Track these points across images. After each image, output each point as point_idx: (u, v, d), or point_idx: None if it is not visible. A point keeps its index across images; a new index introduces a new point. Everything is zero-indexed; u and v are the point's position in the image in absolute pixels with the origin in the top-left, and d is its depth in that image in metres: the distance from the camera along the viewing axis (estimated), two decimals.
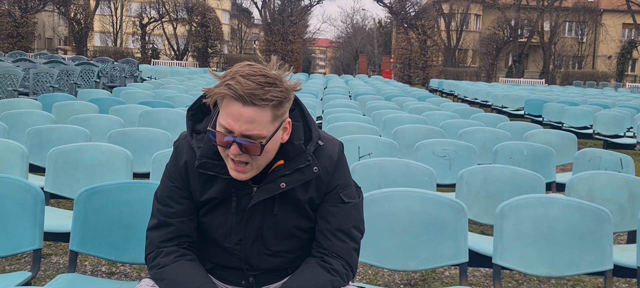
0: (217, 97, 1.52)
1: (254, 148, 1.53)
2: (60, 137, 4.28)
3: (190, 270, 1.66)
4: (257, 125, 1.51)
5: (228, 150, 1.55)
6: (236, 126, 1.50)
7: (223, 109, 1.53)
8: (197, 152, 1.66)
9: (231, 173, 1.59)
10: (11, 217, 2.42)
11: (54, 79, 9.85)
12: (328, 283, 1.64)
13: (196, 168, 1.66)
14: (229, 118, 1.51)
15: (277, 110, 1.54)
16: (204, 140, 1.66)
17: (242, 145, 1.52)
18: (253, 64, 1.56)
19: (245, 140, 1.52)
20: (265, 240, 1.72)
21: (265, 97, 1.49)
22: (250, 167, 1.58)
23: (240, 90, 1.47)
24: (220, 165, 1.64)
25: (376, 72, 37.82)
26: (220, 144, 1.56)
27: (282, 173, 1.64)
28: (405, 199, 2.49)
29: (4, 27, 28.51)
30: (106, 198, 2.42)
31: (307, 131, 1.70)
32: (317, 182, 1.70)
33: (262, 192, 1.65)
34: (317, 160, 1.67)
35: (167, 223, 1.72)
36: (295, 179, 1.65)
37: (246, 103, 1.49)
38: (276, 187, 1.64)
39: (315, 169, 1.66)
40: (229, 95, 1.49)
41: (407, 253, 2.44)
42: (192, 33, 33.41)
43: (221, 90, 1.50)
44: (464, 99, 16.44)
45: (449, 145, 4.45)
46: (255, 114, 1.50)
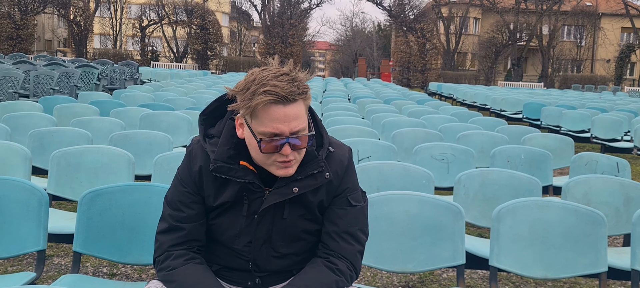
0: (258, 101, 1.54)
1: (303, 142, 1.60)
2: (61, 139, 4.31)
3: (200, 274, 1.69)
4: (300, 119, 1.59)
5: (276, 154, 1.60)
6: (285, 127, 1.56)
7: (263, 116, 1.56)
8: (211, 156, 1.69)
9: (277, 173, 1.64)
10: (15, 218, 2.46)
11: (54, 81, 9.89)
12: (333, 283, 1.68)
13: (211, 172, 1.69)
14: (275, 122, 1.56)
15: (307, 101, 1.62)
16: (218, 144, 1.70)
17: (291, 144, 1.58)
18: (264, 68, 1.62)
19: (295, 137, 1.58)
20: (274, 242, 1.76)
21: (300, 91, 1.58)
22: (295, 161, 1.64)
23: (281, 92, 1.54)
24: (234, 168, 1.68)
25: (375, 75, 37.89)
26: (269, 150, 1.59)
27: (294, 178, 1.68)
28: (404, 202, 2.53)
29: (3, 29, 28.52)
30: (109, 200, 2.46)
31: (319, 137, 1.75)
32: (327, 186, 1.74)
33: (274, 196, 1.69)
34: (328, 166, 1.72)
35: (178, 227, 1.75)
36: (308, 184, 1.69)
37: (288, 102, 1.55)
38: (288, 192, 1.68)
39: (327, 175, 1.71)
40: (271, 101, 1.54)
41: (406, 255, 2.48)
42: (191, 35, 33.45)
43: (262, 98, 1.53)
44: (462, 103, 16.50)
45: (447, 148, 4.49)
46: (297, 109, 1.57)
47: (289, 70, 1.61)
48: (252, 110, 1.56)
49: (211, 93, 9.81)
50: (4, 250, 2.45)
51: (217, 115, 1.78)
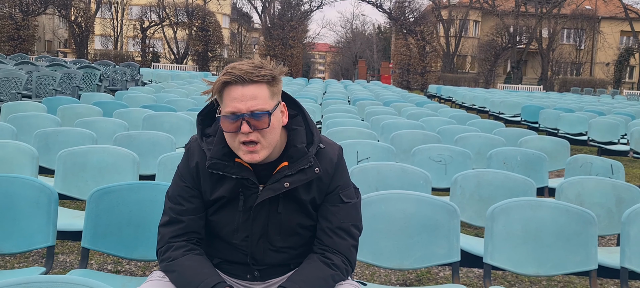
0: (218, 86, 1.69)
1: (262, 122, 1.69)
2: (66, 139, 4.40)
3: (198, 263, 1.78)
4: (259, 100, 1.68)
5: (238, 134, 1.69)
6: (241, 105, 1.67)
7: (226, 98, 1.69)
8: (207, 154, 1.79)
9: (244, 158, 1.72)
10: (25, 215, 2.54)
11: (56, 82, 9.97)
12: (329, 277, 1.77)
13: (207, 169, 1.78)
14: (233, 102, 1.68)
15: (273, 88, 1.73)
16: (214, 142, 1.79)
17: (250, 122, 1.67)
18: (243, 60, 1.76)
19: (253, 116, 1.67)
20: (270, 237, 1.84)
21: (260, 74, 1.69)
22: (260, 146, 1.71)
23: (237, 73, 1.67)
24: (229, 165, 1.77)
25: (375, 78, 37.99)
26: (230, 129, 1.69)
27: (286, 173, 1.77)
28: (401, 201, 2.61)
29: (5, 29, 28.60)
30: (117, 198, 2.54)
31: (309, 135, 1.84)
32: (318, 183, 1.82)
33: (267, 191, 1.78)
34: (318, 162, 1.80)
35: (178, 220, 1.84)
36: (298, 179, 1.77)
37: (245, 82, 1.67)
38: (280, 187, 1.77)
39: (316, 170, 1.79)
40: (229, 80, 1.67)
41: (403, 252, 2.56)
42: (192, 37, 33.55)
43: (222, 78, 1.69)
44: (461, 105, 16.59)
45: (445, 150, 4.58)
46: (255, 90, 1.68)
47: (260, 62, 1.73)
48: (217, 91, 1.71)
49: None
50: (14, 246, 2.54)
51: (214, 115, 1.88)
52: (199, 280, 1.72)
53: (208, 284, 1.70)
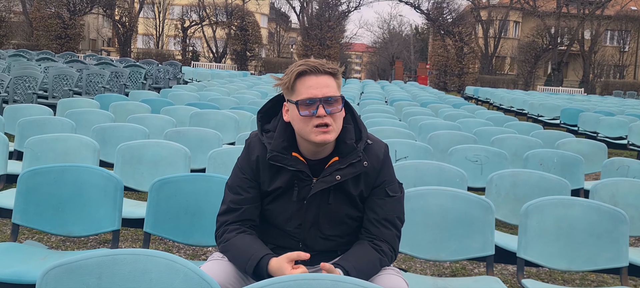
0: (294, 75, 1.91)
1: (335, 107, 1.90)
2: (121, 134, 4.69)
3: (250, 240, 1.98)
4: (331, 88, 1.91)
5: (313, 118, 1.89)
6: (317, 91, 1.89)
7: (300, 87, 1.91)
8: (268, 147, 1.99)
9: (317, 138, 1.90)
10: (94, 202, 2.80)
11: (105, 80, 10.41)
12: (377, 260, 1.96)
13: (268, 160, 1.98)
14: (309, 89, 1.89)
15: (337, 80, 1.96)
16: (274, 137, 2.00)
17: (325, 106, 1.88)
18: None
19: (327, 101, 1.89)
20: (321, 225, 2.03)
21: (330, 67, 1.93)
22: (331, 128, 1.91)
23: (312, 64, 1.91)
24: (287, 158, 1.97)
25: (412, 78, 37.89)
26: (306, 113, 1.89)
27: (337, 167, 1.97)
28: (438, 197, 2.77)
29: (53, 28, 29.73)
30: (175, 188, 2.78)
31: (358, 132, 2.03)
32: (365, 178, 2.01)
33: (320, 184, 1.97)
34: (366, 156, 1.99)
35: (236, 208, 2.04)
36: (348, 172, 1.96)
37: (320, 73, 1.91)
38: (332, 179, 1.96)
39: (365, 163, 1.98)
40: (305, 70, 1.90)
41: (439, 245, 2.72)
42: (231, 36, 34.13)
43: (298, 68, 1.91)
44: (499, 107, 16.48)
45: (481, 150, 4.69)
46: (327, 79, 1.92)
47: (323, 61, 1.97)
48: (291, 84, 1.92)
49: (252, 93, 10.17)
50: (84, 229, 2.80)
51: (272, 113, 2.10)
52: (250, 254, 1.92)
53: (257, 256, 1.89)
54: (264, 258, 1.88)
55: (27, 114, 5.25)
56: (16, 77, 8.32)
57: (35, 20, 30.94)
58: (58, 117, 5.37)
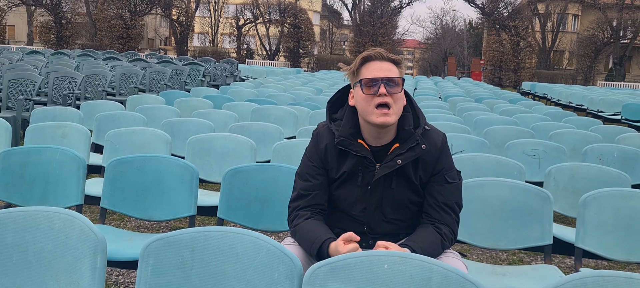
0: (360, 60, 2.12)
1: (396, 87, 2.07)
2: (189, 128, 4.96)
3: (316, 225, 2.15)
4: (392, 72, 2.10)
5: (374, 98, 2.06)
6: (379, 73, 2.07)
7: (365, 71, 2.10)
8: (335, 133, 2.16)
9: (378, 120, 2.06)
10: (172, 189, 3.04)
11: (167, 78, 10.86)
12: (439, 242, 2.10)
13: (336, 145, 2.16)
14: (372, 72, 2.08)
15: (400, 69, 2.13)
16: (341, 124, 2.17)
17: (386, 86, 2.05)
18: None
19: (389, 81, 2.07)
20: (384, 209, 2.18)
21: (391, 55, 2.13)
22: (392, 110, 2.07)
23: (375, 51, 2.11)
24: (353, 143, 2.13)
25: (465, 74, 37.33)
26: (368, 92, 2.07)
27: (397, 153, 2.12)
28: (496, 187, 2.87)
29: (115, 29, 31.05)
30: (246, 177, 2.99)
31: (416, 119, 2.18)
32: (423, 165, 2.15)
33: (383, 169, 2.13)
34: (424, 140, 2.14)
35: (305, 194, 2.22)
36: (408, 156, 2.12)
37: (383, 59, 2.10)
38: (394, 164, 2.11)
39: (423, 146, 2.13)
40: (369, 57, 2.11)
41: (497, 234, 2.82)
42: (284, 34, 34.61)
43: (363, 54, 2.13)
44: (557, 103, 16.11)
45: (539, 145, 4.71)
46: (389, 65, 2.11)
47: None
48: (356, 68, 2.12)
49: (307, 90, 10.39)
50: (163, 214, 3.05)
51: (340, 103, 2.28)
52: (314, 238, 2.08)
53: (320, 240, 2.06)
54: (325, 241, 2.04)
55: (102, 110, 5.61)
56: (87, 75, 8.83)
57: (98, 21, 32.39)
58: (129, 112, 5.72)
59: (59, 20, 32.19)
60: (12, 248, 1.87)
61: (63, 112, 5.26)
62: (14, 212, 1.90)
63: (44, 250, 1.87)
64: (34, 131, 4.26)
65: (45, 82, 8.28)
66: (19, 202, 3.10)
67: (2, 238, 1.87)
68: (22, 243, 1.87)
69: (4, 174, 3.12)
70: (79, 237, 1.84)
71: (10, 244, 1.87)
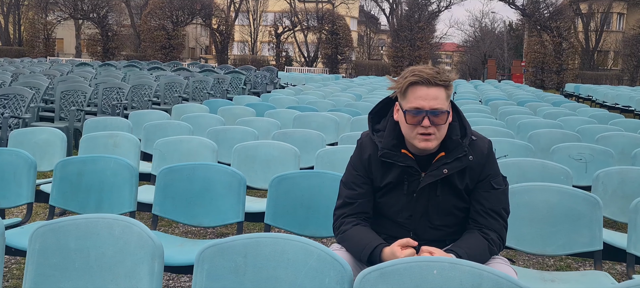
0: (405, 84, 2.07)
1: (440, 119, 2.06)
2: (233, 136, 5.07)
3: (364, 231, 2.17)
4: (439, 100, 2.05)
5: (417, 127, 2.06)
6: (425, 103, 2.03)
7: (410, 95, 2.06)
8: (379, 145, 2.18)
9: (420, 145, 2.08)
10: (221, 196, 3.13)
11: (209, 86, 11.09)
12: (486, 247, 2.10)
13: (379, 158, 2.18)
14: (418, 100, 2.04)
15: (448, 91, 2.09)
16: (384, 136, 2.19)
17: (431, 118, 2.04)
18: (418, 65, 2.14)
19: (434, 113, 2.04)
20: (430, 216, 2.19)
21: (442, 78, 2.05)
22: (434, 137, 2.08)
23: (425, 75, 2.03)
24: (397, 155, 2.15)
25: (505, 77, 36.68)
26: (412, 122, 2.07)
27: (443, 162, 2.13)
28: (543, 192, 2.84)
29: (158, 39, 31.86)
30: (292, 184, 3.04)
31: (462, 129, 2.18)
32: (470, 172, 2.16)
33: (428, 177, 2.14)
34: (471, 151, 2.14)
35: (351, 202, 2.25)
36: (455, 166, 2.12)
37: (430, 84, 2.04)
38: (439, 173, 2.12)
39: (470, 158, 2.13)
40: (417, 81, 2.04)
41: (545, 239, 2.79)
42: (322, 40, 34.79)
43: (410, 79, 2.05)
44: (602, 104, 15.68)
45: (586, 149, 4.62)
46: (437, 92, 2.05)
47: (438, 68, 2.08)
48: (403, 89, 2.06)
49: (347, 96, 10.42)
50: (212, 220, 3.14)
51: (382, 114, 2.29)
52: (365, 243, 2.11)
53: (371, 245, 2.08)
54: (378, 247, 2.06)
55: (149, 119, 5.79)
56: (134, 85, 9.10)
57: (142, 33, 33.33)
58: (175, 120, 5.88)
59: (105, 32, 33.24)
60: (75, 253, 1.97)
61: (113, 122, 5.45)
62: (76, 219, 2.01)
63: (104, 256, 1.96)
64: (88, 141, 4.43)
65: (95, 93, 8.58)
66: (76, 209, 3.25)
67: (66, 244, 1.97)
68: (84, 249, 1.97)
69: (62, 182, 3.27)
70: (138, 243, 1.92)
71: (73, 249, 1.97)
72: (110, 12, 33.54)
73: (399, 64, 31.11)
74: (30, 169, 3.34)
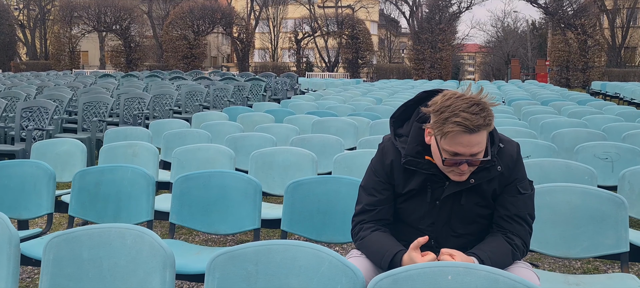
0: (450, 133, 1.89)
1: (478, 162, 1.97)
2: (252, 143, 5.06)
3: (384, 236, 2.12)
4: (481, 145, 1.94)
5: (454, 167, 1.97)
6: (466, 150, 1.92)
7: (452, 140, 1.91)
8: (402, 152, 2.11)
9: (453, 178, 2.01)
10: (236, 203, 3.11)
11: (229, 94, 11.15)
12: (509, 252, 2.04)
13: (403, 165, 2.11)
14: (459, 146, 1.91)
15: (489, 128, 1.96)
16: (407, 141, 2.11)
17: (470, 162, 1.95)
18: (460, 94, 1.94)
19: (472, 158, 1.94)
20: (453, 224, 2.12)
21: (485, 123, 1.90)
22: (468, 171, 2.00)
23: (470, 125, 1.87)
24: (421, 162, 2.08)
25: (529, 77, 36.16)
26: (449, 164, 1.96)
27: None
28: (567, 193, 2.75)
29: (180, 49, 32.25)
30: (308, 189, 3.01)
31: (490, 135, 2.07)
32: (499, 178, 2.08)
33: (453, 186, 2.06)
34: (500, 160, 2.06)
35: (371, 209, 2.19)
36: (482, 176, 2.04)
37: (474, 132, 1.89)
38: (466, 183, 2.05)
39: (498, 168, 2.05)
40: (461, 131, 1.88)
41: (569, 242, 2.70)
42: (342, 45, 34.80)
43: (452, 128, 1.88)
44: (630, 102, 15.33)
45: (612, 147, 4.50)
46: (479, 138, 1.91)
47: (479, 100, 1.90)
48: (443, 134, 1.91)
49: (367, 100, 10.37)
50: (228, 228, 3.13)
51: (404, 117, 2.21)
52: (385, 250, 2.05)
53: (392, 252, 2.02)
54: (398, 253, 2.01)
55: (169, 128, 5.82)
56: (155, 95, 9.20)
57: (164, 43, 33.77)
58: (194, 129, 5.91)
59: (128, 44, 33.76)
60: (88, 263, 1.97)
61: (133, 132, 5.49)
62: (89, 229, 2.01)
63: (117, 265, 1.95)
64: (108, 151, 4.47)
65: (117, 104, 8.69)
66: (94, 219, 3.27)
67: (79, 254, 1.97)
68: (97, 259, 1.97)
69: (80, 193, 3.29)
70: (149, 252, 1.91)
71: (87, 259, 1.97)
72: (133, 23, 34.04)
73: (420, 66, 30.93)
74: (49, 180, 3.37)
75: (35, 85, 11.52)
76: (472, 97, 1.93)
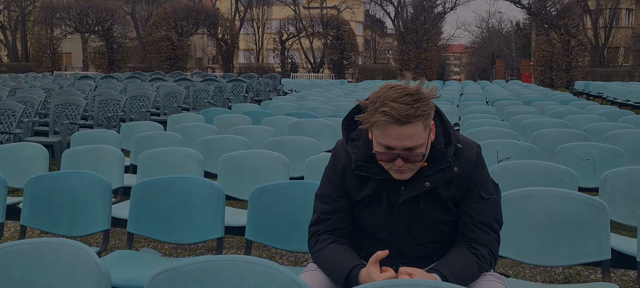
0: (375, 124, 1.77)
1: (415, 158, 1.81)
2: (225, 145, 4.88)
3: (342, 250, 1.96)
4: (414, 138, 1.77)
5: (390, 163, 1.83)
6: (398, 143, 1.77)
7: (381, 132, 1.78)
8: (352, 157, 1.95)
9: (394, 176, 1.87)
10: (199, 210, 2.93)
11: (210, 96, 10.94)
12: (475, 264, 1.88)
13: (353, 171, 1.95)
14: (389, 138, 1.77)
15: (426, 121, 1.80)
16: (358, 146, 1.95)
17: (405, 157, 1.80)
18: (394, 85, 1.81)
19: (407, 152, 1.79)
20: (413, 231, 1.97)
21: (417, 114, 1.74)
22: (409, 169, 1.85)
23: (396, 115, 1.72)
24: (373, 167, 1.92)
25: (514, 77, 36.28)
26: (383, 159, 1.83)
27: (426, 174, 1.90)
28: (544, 198, 2.61)
29: (163, 50, 31.88)
30: (274, 195, 2.84)
31: (447, 135, 1.94)
32: (457, 182, 1.93)
33: (409, 191, 1.91)
34: (456, 161, 1.90)
35: (326, 218, 2.03)
36: (438, 179, 1.89)
37: (403, 123, 1.74)
38: (421, 186, 1.90)
39: (455, 169, 1.89)
40: (387, 121, 1.74)
41: (547, 249, 2.56)
42: (327, 46, 34.66)
43: (379, 118, 1.75)
44: (613, 101, 15.36)
45: (593, 148, 4.38)
46: (411, 129, 1.75)
47: (415, 90, 1.76)
48: (372, 124, 1.78)
49: (349, 101, 10.23)
50: (191, 237, 2.94)
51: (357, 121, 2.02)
52: (340, 264, 1.89)
53: (348, 267, 1.87)
54: (354, 268, 1.86)
55: (141, 130, 5.62)
56: (131, 97, 8.97)
57: (147, 44, 33.35)
58: (168, 132, 5.71)
59: (110, 45, 33.31)
60: (19, 283, 1.78)
61: (102, 135, 5.29)
62: (20, 244, 1.82)
63: (51, 284, 1.77)
64: (70, 155, 4.26)
65: (91, 106, 8.44)
66: (48, 228, 3.07)
67: (8, 272, 1.79)
68: (28, 277, 1.78)
69: (33, 201, 3.09)
70: (85, 270, 1.73)
71: (17, 278, 1.79)
72: (115, 24, 33.59)
73: (406, 66, 30.87)
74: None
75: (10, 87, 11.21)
76: (406, 87, 1.78)
